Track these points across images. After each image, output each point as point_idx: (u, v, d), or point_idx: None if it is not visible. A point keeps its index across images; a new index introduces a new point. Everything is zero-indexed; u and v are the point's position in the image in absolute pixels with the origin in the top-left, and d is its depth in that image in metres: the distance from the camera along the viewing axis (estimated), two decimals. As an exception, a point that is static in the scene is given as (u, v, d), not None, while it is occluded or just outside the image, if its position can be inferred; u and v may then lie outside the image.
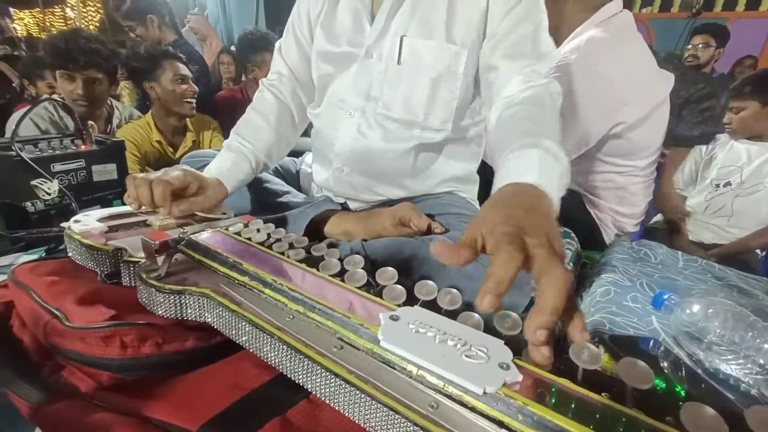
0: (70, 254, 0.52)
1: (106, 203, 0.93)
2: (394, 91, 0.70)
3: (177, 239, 0.45)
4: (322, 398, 0.34)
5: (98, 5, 8.02)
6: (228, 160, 0.71)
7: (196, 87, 1.45)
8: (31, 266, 0.48)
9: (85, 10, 7.97)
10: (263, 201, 0.79)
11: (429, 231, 0.64)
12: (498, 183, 0.42)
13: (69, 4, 8.09)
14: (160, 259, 0.45)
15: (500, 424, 0.24)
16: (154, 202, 0.54)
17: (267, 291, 0.37)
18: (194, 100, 1.45)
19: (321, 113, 0.79)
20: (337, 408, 0.33)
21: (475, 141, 0.81)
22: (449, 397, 0.26)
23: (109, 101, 1.46)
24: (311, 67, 0.79)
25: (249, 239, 0.47)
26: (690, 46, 2.41)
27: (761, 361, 0.46)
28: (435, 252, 0.31)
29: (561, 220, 1.09)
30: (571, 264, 0.87)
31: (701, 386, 0.48)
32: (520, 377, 0.25)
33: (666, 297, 0.60)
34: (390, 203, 0.80)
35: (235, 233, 0.49)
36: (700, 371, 0.50)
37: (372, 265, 0.54)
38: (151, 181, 0.54)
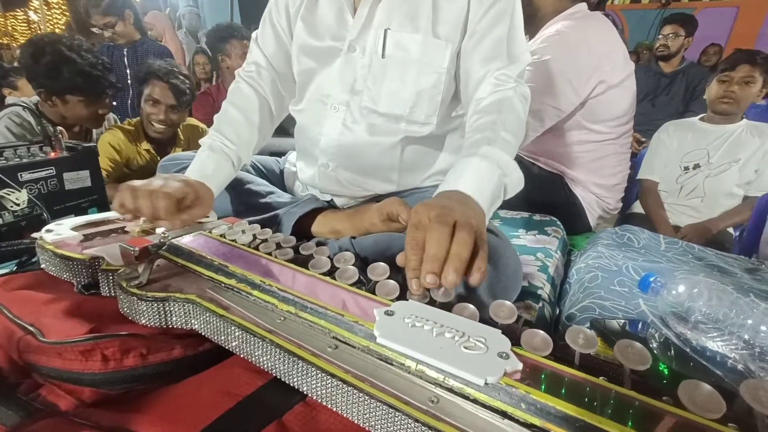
0: (43, 266, 0.49)
1: (80, 212, 0.89)
2: (379, 85, 0.69)
3: (158, 244, 0.43)
4: (319, 400, 0.33)
5: (63, 8, 7.71)
6: (211, 162, 0.69)
7: (168, 114, 1.39)
8: (1, 281, 0.46)
9: (49, 13, 7.65)
10: (247, 202, 0.77)
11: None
12: (440, 188, 0.50)
13: (32, 7, 7.75)
14: (140, 267, 0.43)
15: (503, 414, 0.23)
16: (157, 216, 0.50)
17: (256, 293, 0.36)
18: (162, 127, 1.39)
19: (304, 109, 0.78)
20: (334, 409, 0.32)
21: (461, 133, 0.80)
22: (450, 390, 0.26)
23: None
24: (291, 61, 0.78)
25: (234, 241, 0.46)
26: (661, 36, 2.48)
27: (746, 337, 0.48)
28: (399, 263, 0.38)
29: (546, 207, 1.11)
30: (559, 251, 0.88)
31: (690, 364, 0.49)
32: (520, 366, 0.25)
33: (652, 279, 0.61)
34: (377, 198, 0.79)
35: (220, 235, 0.47)
36: (688, 350, 0.51)
37: (362, 263, 0.53)
38: (153, 192, 0.50)
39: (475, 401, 0.24)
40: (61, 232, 0.50)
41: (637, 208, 1.72)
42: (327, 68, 0.74)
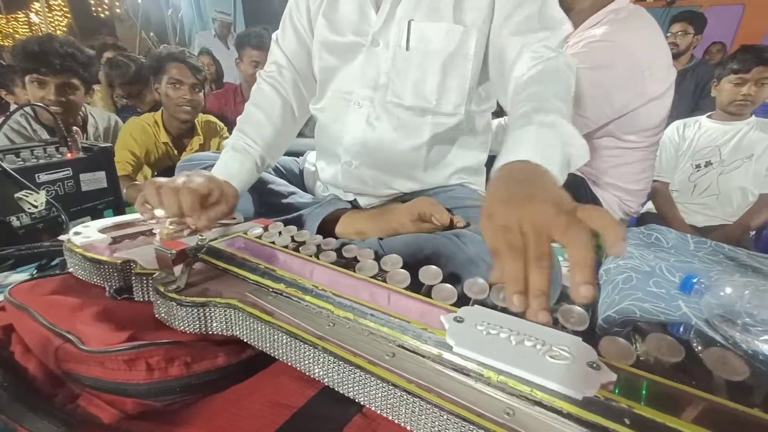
0: (71, 270, 0.48)
1: (96, 214, 0.88)
2: (404, 78, 0.67)
3: (196, 247, 0.41)
4: (379, 411, 0.31)
5: (65, 9, 7.71)
6: (235, 162, 0.67)
7: (193, 95, 1.38)
8: (29, 285, 0.44)
9: (51, 15, 7.65)
10: (268, 203, 0.76)
11: (451, 225, 0.61)
12: (495, 165, 0.42)
13: (33, 9, 7.75)
14: (177, 270, 0.41)
15: (604, 430, 0.21)
16: (181, 212, 0.48)
17: (308, 298, 0.34)
18: (189, 107, 1.38)
19: (325, 107, 0.76)
20: (396, 421, 0.30)
21: (484, 129, 0.79)
22: (538, 403, 0.24)
23: (83, 109, 1.38)
24: (312, 59, 0.76)
25: (273, 243, 0.44)
26: (669, 34, 2.46)
27: (804, 340, 0.46)
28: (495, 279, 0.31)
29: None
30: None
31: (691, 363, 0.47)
32: (614, 377, 0.23)
33: (695, 281, 0.59)
34: (401, 197, 0.77)
35: (257, 238, 0.45)
36: (739, 353, 0.49)
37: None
38: (177, 188, 0.49)
39: (568, 416, 0.23)
40: (89, 235, 0.48)
41: (650, 207, 1.70)
42: (349, 64, 0.72)
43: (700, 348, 0.53)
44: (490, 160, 0.85)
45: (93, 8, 7.33)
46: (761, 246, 1.45)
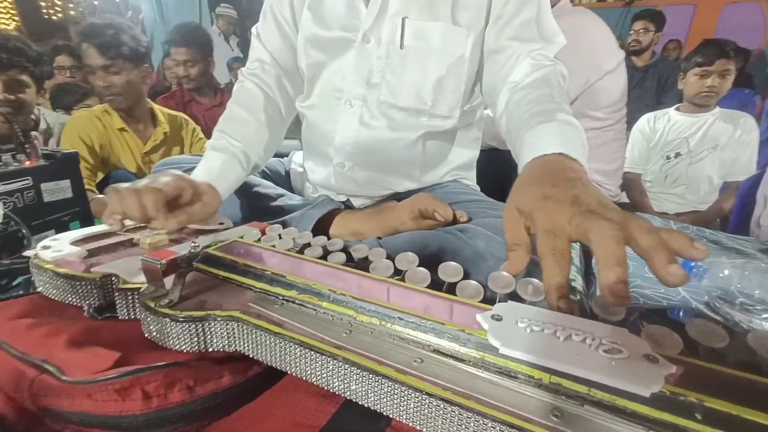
0: (40, 289, 0.42)
1: (61, 227, 0.80)
2: (399, 78, 0.65)
3: (189, 256, 0.37)
4: (411, 423, 0.28)
5: (12, 12, 7.20)
6: (216, 162, 0.62)
7: (110, 80, 1.18)
8: (-9, 310, 0.38)
9: (-5, 18, 7.13)
10: (256, 206, 0.71)
11: (454, 221, 0.60)
12: (522, 160, 0.41)
13: (-25, 13, 7.20)
14: (168, 283, 0.37)
15: (674, 428, 0.20)
16: (146, 215, 0.44)
17: (325, 304, 0.31)
18: (110, 95, 1.19)
19: (314, 105, 0.72)
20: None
21: (476, 125, 0.78)
22: (597, 403, 0.22)
23: (36, 111, 1.25)
24: (298, 55, 0.72)
25: (274, 247, 0.40)
26: (632, 31, 2.58)
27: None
28: (508, 269, 0.32)
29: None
30: (576, 244, 0.86)
31: (738, 348, 0.48)
32: (673, 368, 0.22)
33: (693, 264, 0.60)
34: (396, 196, 0.75)
35: (256, 242, 0.41)
36: (740, 332, 0.50)
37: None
38: (139, 190, 0.44)
39: (633, 415, 0.21)
40: (60, 248, 0.43)
41: (623, 198, 1.77)
42: (338, 60, 0.69)
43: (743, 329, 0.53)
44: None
45: (44, 10, 6.89)
46: (727, 230, 1.53)
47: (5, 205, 0.69)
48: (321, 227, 0.67)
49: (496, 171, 1.08)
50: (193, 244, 0.38)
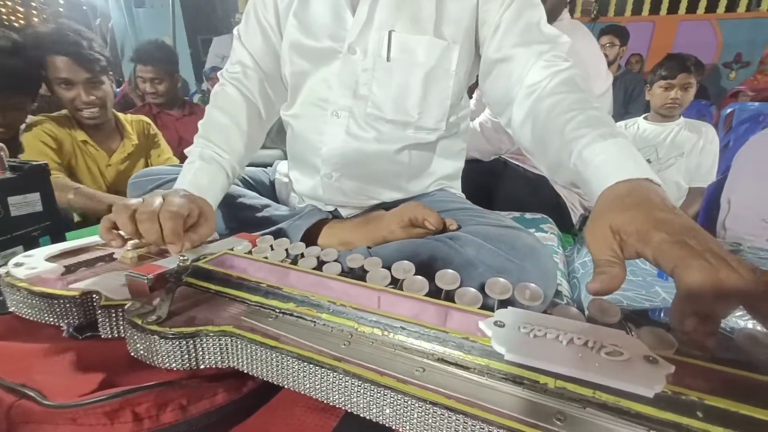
0: (12, 309, 0.39)
1: (30, 242, 0.76)
2: (385, 90, 0.65)
3: (178, 270, 0.36)
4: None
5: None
6: (205, 174, 0.61)
7: (96, 94, 1.12)
8: (-43, 333, 0.35)
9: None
10: (241, 218, 0.70)
11: (443, 229, 0.60)
12: (599, 181, 0.38)
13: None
14: (154, 299, 0.35)
15: (677, 427, 0.20)
16: (163, 240, 0.42)
17: (325, 316, 0.30)
18: (93, 109, 1.12)
19: (299, 114, 0.72)
20: (438, 442, 0.27)
21: (462, 136, 0.79)
22: (602, 406, 0.22)
23: None
24: (282, 61, 0.72)
25: (266, 258, 0.39)
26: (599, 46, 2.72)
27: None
28: (594, 291, 0.29)
29: (531, 206, 1.11)
30: (560, 248, 0.89)
31: (726, 347, 0.51)
32: (672, 368, 0.22)
33: (670, 266, 0.62)
34: (383, 206, 0.75)
35: (247, 254, 0.40)
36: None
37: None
38: (158, 213, 0.42)
39: (637, 416, 0.21)
40: (34, 265, 0.41)
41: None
42: (323, 70, 0.68)
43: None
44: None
45: (5, 17, 6.58)
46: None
47: (-32, 220, 0.65)
48: (309, 238, 0.66)
49: (477, 180, 1.10)
50: (182, 258, 0.37)
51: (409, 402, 0.27)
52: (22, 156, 1.07)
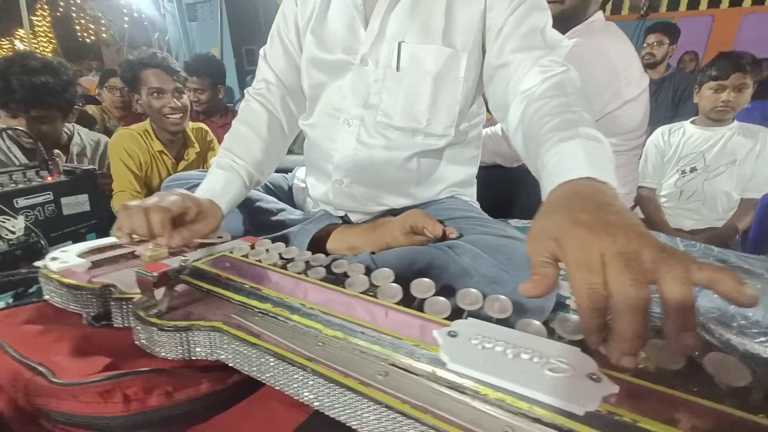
0: (47, 297, 0.45)
1: (78, 238, 0.85)
2: (394, 99, 0.67)
3: (178, 269, 0.40)
4: (373, 435, 0.29)
5: (50, 35, 7.73)
6: (220, 179, 0.66)
7: (180, 101, 1.28)
8: (2, 315, 0.42)
9: (36, 41, 7.65)
10: (258, 221, 0.74)
11: (444, 237, 0.61)
12: (547, 185, 0.38)
13: (18, 36, 7.76)
14: (158, 294, 0.39)
15: (608, 447, 0.20)
16: (152, 232, 0.47)
17: (295, 317, 0.33)
18: (178, 115, 1.28)
19: (315, 124, 0.75)
20: (392, 445, 0.28)
21: (474, 144, 0.79)
22: (537, 420, 0.23)
23: (71, 127, 1.31)
24: (301, 75, 0.76)
25: (259, 261, 0.42)
26: (646, 44, 2.55)
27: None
28: (527, 293, 0.27)
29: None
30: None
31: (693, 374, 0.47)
32: (615, 388, 0.22)
33: (688, 283, 0.59)
34: (393, 212, 0.76)
35: (243, 256, 0.44)
36: (736, 356, 0.49)
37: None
38: (147, 208, 0.48)
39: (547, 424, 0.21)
40: (67, 260, 0.46)
41: (638, 213, 1.72)
42: (338, 81, 0.72)
43: (696, 353, 0.52)
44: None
45: (78, 33, 7.36)
46: (747, 247, 1.47)
47: (27, 218, 0.74)
48: (319, 242, 0.69)
49: (500, 187, 1.08)
50: (182, 258, 0.40)
51: (367, 404, 0.29)
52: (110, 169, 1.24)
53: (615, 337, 0.23)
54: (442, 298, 0.34)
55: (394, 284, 0.36)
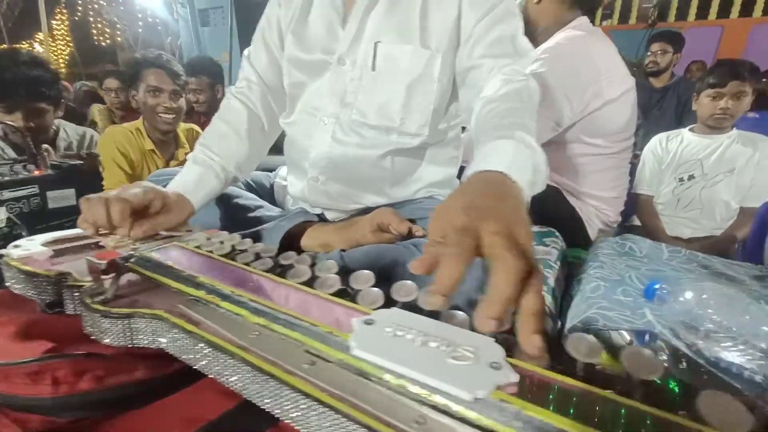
0: (7, 284, 0.46)
1: (63, 232, 0.87)
2: (370, 98, 0.68)
3: (126, 257, 0.40)
4: (292, 424, 0.29)
5: (68, 39, 7.95)
6: (193, 175, 0.67)
7: (174, 102, 1.32)
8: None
9: (54, 45, 7.88)
10: (235, 217, 0.75)
11: (410, 235, 0.61)
12: (468, 170, 0.41)
13: (38, 39, 8.00)
14: (107, 281, 0.40)
15: (494, 434, 0.20)
16: (111, 224, 0.48)
17: (225, 304, 0.33)
18: (171, 116, 1.31)
19: (294, 122, 0.76)
20: (308, 434, 0.28)
21: (453, 144, 0.79)
22: (435, 407, 0.22)
23: (54, 124, 1.33)
24: (282, 75, 0.77)
25: (211, 252, 0.43)
26: (650, 53, 2.53)
27: (762, 345, 0.44)
28: (414, 270, 0.29)
29: (545, 219, 1.07)
30: (557, 263, 0.85)
31: (704, 377, 0.46)
32: (514, 377, 0.22)
33: (657, 287, 0.58)
34: (368, 210, 0.77)
35: (196, 247, 0.44)
36: (702, 361, 0.47)
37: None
38: (107, 199, 0.49)
39: (462, 420, 0.21)
40: (29, 248, 0.47)
41: (637, 220, 1.70)
42: (317, 81, 0.73)
43: (664, 357, 0.51)
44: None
45: (95, 37, 7.56)
46: (746, 256, 1.43)
47: (11, 210, 0.76)
48: (293, 239, 0.69)
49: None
50: (132, 246, 0.41)
51: (288, 393, 0.29)
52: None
53: (484, 300, 0.25)
54: (375, 289, 0.34)
55: (333, 275, 0.36)
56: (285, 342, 0.30)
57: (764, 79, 3.26)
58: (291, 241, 0.68)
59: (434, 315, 0.31)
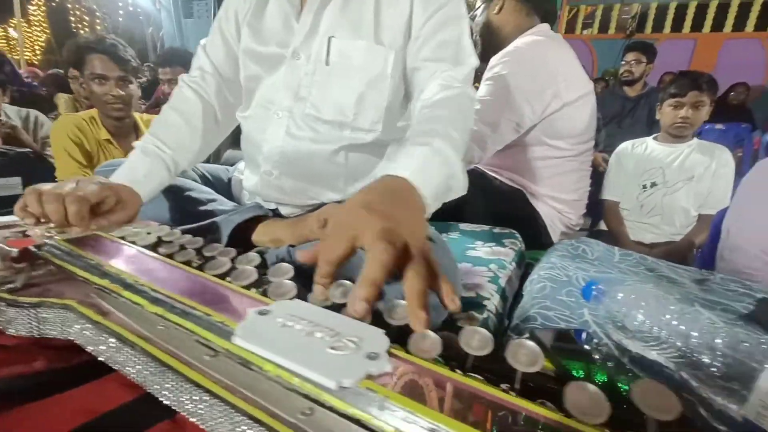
0: None
1: (8, 221, 0.83)
2: (323, 93, 0.68)
3: (39, 245, 0.39)
4: (188, 416, 0.28)
5: (44, 25, 7.67)
6: (142, 167, 0.65)
7: (121, 90, 1.24)
8: None
9: (29, 30, 7.59)
10: (186, 210, 0.73)
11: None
12: (378, 170, 0.45)
13: (12, 24, 7.69)
14: (17, 269, 0.38)
15: (356, 422, 0.20)
16: (67, 221, 0.45)
17: (126, 293, 0.32)
18: (118, 104, 1.24)
19: (250, 116, 0.75)
20: (202, 426, 0.27)
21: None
22: (306, 397, 0.22)
23: None
24: (239, 67, 0.76)
25: (133, 243, 0.42)
26: (624, 62, 2.61)
27: (678, 344, 0.46)
28: (301, 259, 0.33)
29: (507, 221, 1.08)
30: (513, 263, 0.86)
31: (628, 374, 0.47)
32: (388, 367, 0.22)
33: (594, 287, 0.59)
34: (322, 206, 0.76)
35: (119, 237, 0.43)
36: (626, 359, 0.49)
37: (297, 271, 0.50)
38: (64, 197, 0.46)
39: (330, 408, 0.21)
40: (-54, 235, 0.45)
41: (604, 225, 1.74)
42: (273, 75, 0.72)
43: (597, 356, 0.52)
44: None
45: (73, 25, 7.32)
46: (703, 263, 1.49)
47: (-53, 196, 0.73)
48: (245, 233, 0.68)
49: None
50: (47, 235, 0.40)
51: (184, 386, 0.28)
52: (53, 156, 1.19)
53: (357, 283, 0.28)
54: (289, 282, 0.33)
55: (250, 268, 0.36)
56: (180, 332, 0.29)
57: (731, 93, 3.40)
58: (243, 236, 0.67)
59: (342, 308, 0.31)
